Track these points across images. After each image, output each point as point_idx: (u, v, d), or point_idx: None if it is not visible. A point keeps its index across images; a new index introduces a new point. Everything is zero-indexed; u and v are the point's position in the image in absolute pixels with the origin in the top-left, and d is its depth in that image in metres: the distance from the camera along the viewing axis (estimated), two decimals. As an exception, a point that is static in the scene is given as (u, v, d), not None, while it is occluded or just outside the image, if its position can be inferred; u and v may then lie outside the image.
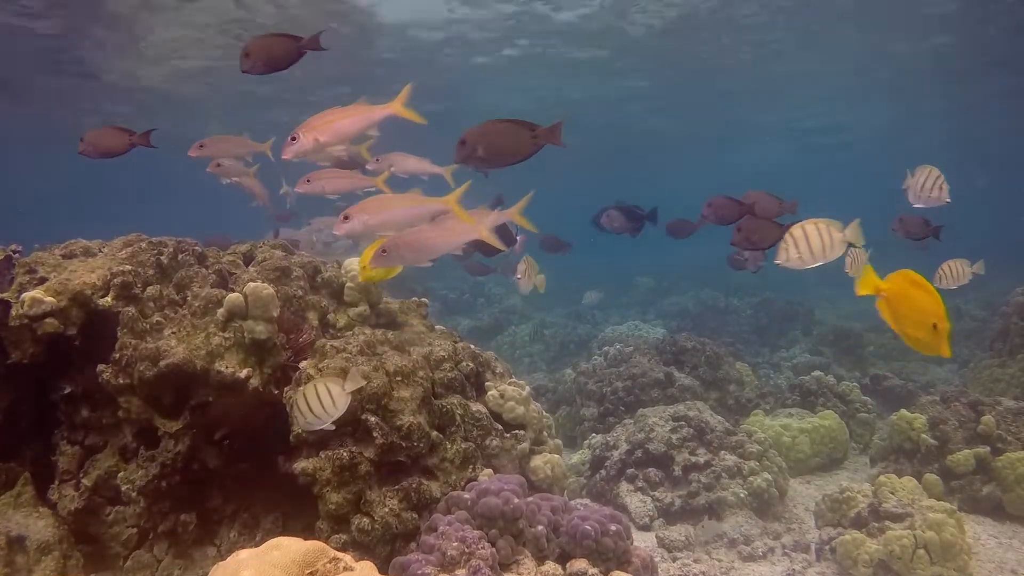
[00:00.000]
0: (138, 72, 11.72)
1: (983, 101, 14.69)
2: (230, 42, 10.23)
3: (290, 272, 2.95)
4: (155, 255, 2.85)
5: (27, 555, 2.42)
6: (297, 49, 2.72)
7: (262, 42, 2.73)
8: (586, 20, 10.63)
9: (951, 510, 3.40)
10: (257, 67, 2.72)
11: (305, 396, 2.24)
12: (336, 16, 9.83)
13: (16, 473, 2.63)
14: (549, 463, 2.87)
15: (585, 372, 6.10)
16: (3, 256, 2.75)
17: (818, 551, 3.70)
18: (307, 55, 2.77)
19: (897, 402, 5.88)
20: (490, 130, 2.33)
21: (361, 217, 2.49)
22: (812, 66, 12.76)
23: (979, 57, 12.33)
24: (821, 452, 5.02)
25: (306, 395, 2.24)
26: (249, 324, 2.60)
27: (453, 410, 2.70)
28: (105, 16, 9.17)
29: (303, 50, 2.72)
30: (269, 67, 2.72)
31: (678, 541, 3.82)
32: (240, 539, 2.60)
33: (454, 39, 11.34)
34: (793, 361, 8.04)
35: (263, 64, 2.71)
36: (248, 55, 2.70)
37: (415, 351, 2.81)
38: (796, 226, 2.58)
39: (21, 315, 2.51)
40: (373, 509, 2.38)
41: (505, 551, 2.05)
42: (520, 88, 13.79)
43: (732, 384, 5.93)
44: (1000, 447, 4.21)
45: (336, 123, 2.59)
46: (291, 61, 2.74)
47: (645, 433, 4.47)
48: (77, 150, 3.00)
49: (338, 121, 2.59)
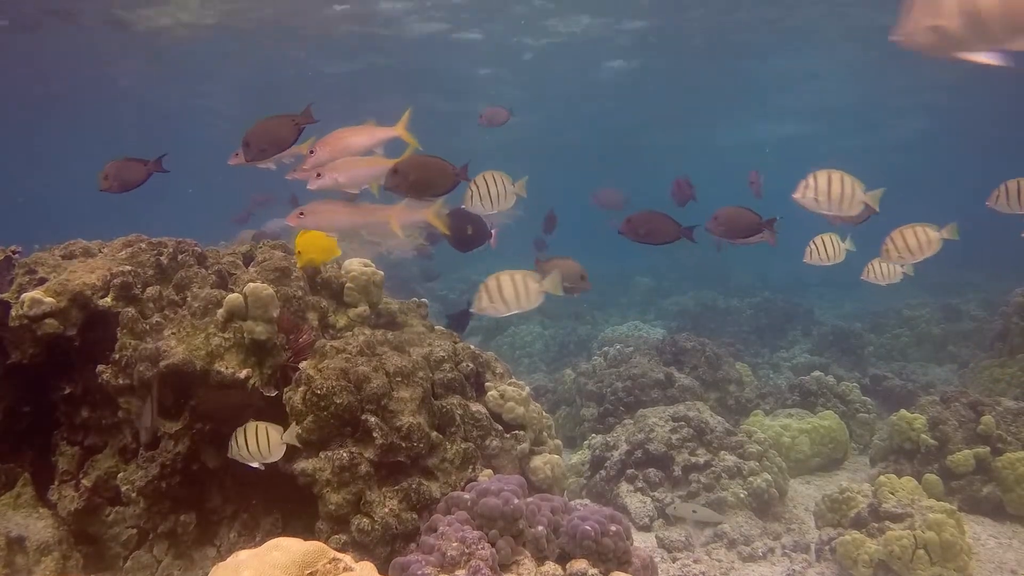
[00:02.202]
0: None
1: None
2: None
3: (290, 272, 2.95)
4: (155, 255, 2.85)
5: (27, 556, 2.42)
6: (295, 127, 2.80)
7: (260, 127, 2.81)
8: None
9: (951, 510, 3.40)
10: (260, 155, 2.85)
11: (245, 433, 2.34)
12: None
13: (16, 474, 2.63)
14: (549, 463, 2.86)
15: (585, 372, 6.10)
16: (3, 257, 2.75)
17: (818, 551, 3.70)
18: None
19: (897, 402, 5.88)
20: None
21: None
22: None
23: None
24: (821, 452, 5.02)
25: (246, 433, 2.34)
26: (249, 325, 2.60)
27: (453, 410, 2.70)
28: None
29: (301, 126, 2.81)
30: (272, 151, 2.86)
31: (678, 542, 3.82)
32: (240, 539, 2.60)
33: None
34: (793, 361, 8.04)
35: (265, 151, 2.84)
36: (248, 145, 2.80)
37: (415, 351, 2.81)
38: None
39: (21, 316, 2.51)
40: (373, 509, 2.38)
41: (505, 551, 2.05)
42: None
43: (732, 384, 5.93)
44: (1000, 447, 4.21)
45: (348, 139, 2.78)
46: (293, 140, 2.84)
47: (645, 433, 4.47)
48: (99, 188, 3.03)
49: (349, 138, 2.78)
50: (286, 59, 12.88)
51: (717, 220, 3.30)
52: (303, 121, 2.79)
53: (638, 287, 13.24)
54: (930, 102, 16.32)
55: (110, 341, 2.57)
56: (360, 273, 3.07)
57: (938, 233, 3.02)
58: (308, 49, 12.39)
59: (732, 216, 3.31)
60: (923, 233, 3.03)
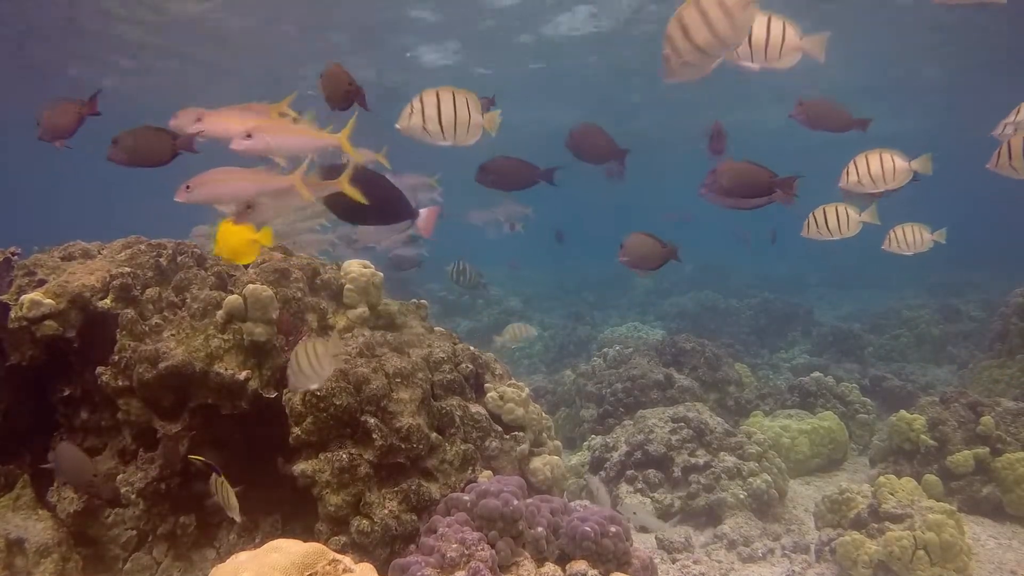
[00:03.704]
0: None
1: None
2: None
3: (289, 274, 2.95)
4: (154, 257, 2.85)
5: (26, 557, 2.42)
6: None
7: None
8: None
9: (951, 511, 3.40)
10: (125, 160, 2.48)
11: (296, 354, 2.17)
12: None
13: (15, 475, 2.63)
14: (549, 464, 2.87)
15: (584, 373, 6.10)
16: (2, 258, 2.75)
17: (818, 552, 3.70)
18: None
19: (896, 403, 5.88)
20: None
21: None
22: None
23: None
24: (820, 453, 5.02)
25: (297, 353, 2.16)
26: (248, 326, 2.60)
27: (452, 412, 2.70)
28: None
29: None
30: (137, 162, 2.48)
31: (678, 542, 3.82)
32: (239, 541, 2.60)
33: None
34: (792, 362, 8.04)
35: (132, 159, 2.48)
36: (116, 143, 2.47)
37: (414, 353, 2.81)
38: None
39: (20, 317, 2.51)
40: (372, 511, 2.38)
41: (505, 552, 2.05)
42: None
43: (731, 385, 5.93)
44: (999, 448, 4.21)
45: (284, 136, 2.28)
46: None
47: (645, 434, 4.47)
48: (37, 136, 2.67)
49: (286, 135, 2.29)
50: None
51: (719, 176, 2.80)
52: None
53: (637, 288, 13.24)
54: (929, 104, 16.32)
55: (109, 343, 2.57)
56: (359, 274, 3.07)
57: (907, 163, 2.64)
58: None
59: (739, 172, 2.77)
60: (888, 160, 2.62)
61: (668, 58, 1.73)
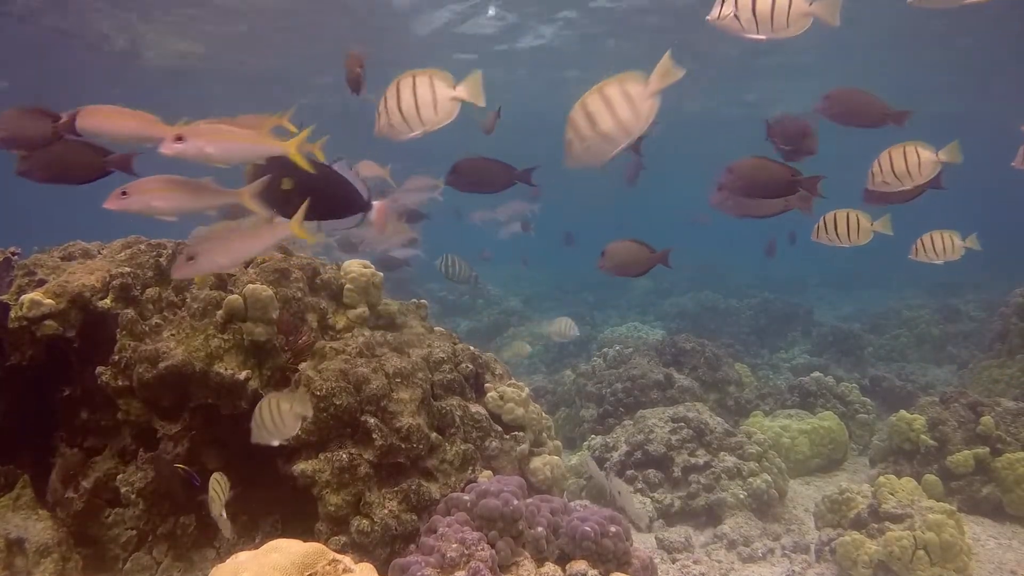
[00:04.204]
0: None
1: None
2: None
3: (289, 274, 2.95)
4: (154, 257, 2.85)
5: (26, 557, 2.42)
6: (103, 165, 2.23)
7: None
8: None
9: (951, 511, 3.40)
10: (41, 177, 2.21)
11: (261, 411, 2.13)
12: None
13: (15, 475, 2.63)
14: (549, 464, 2.87)
15: (584, 373, 6.10)
16: (2, 258, 2.75)
17: (818, 552, 3.70)
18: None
19: (896, 403, 5.88)
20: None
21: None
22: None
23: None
24: (820, 453, 5.02)
25: (262, 410, 2.13)
26: (248, 326, 2.60)
27: (452, 412, 2.70)
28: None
29: (109, 167, 2.24)
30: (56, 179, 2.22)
31: (678, 542, 3.82)
32: (239, 541, 2.60)
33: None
34: (792, 362, 8.04)
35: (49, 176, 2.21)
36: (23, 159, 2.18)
37: (414, 352, 2.81)
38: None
39: (20, 317, 2.51)
40: (372, 511, 2.38)
41: (505, 552, 2.05)
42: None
43: (731, 385, 5.93)
44: (999, 448, 4.21)
45: (222, 141, 1.99)
46: (90, 178, 2.24)
47: (644, 434, 4.47)
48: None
49: (224, 140, 1.99)
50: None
51: (735, 175, 2.41)
52: (115, 163, 2.24)
53: (637, 288, 13.24)
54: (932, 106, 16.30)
55: (109, 343, 2.57)
56: (359, 274, 3.07)
57: (935, 155, 2.46)
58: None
59: (755, 169, 2.38)
60: (913, 153, 2.43)
61: (571, 143, 1.75)
